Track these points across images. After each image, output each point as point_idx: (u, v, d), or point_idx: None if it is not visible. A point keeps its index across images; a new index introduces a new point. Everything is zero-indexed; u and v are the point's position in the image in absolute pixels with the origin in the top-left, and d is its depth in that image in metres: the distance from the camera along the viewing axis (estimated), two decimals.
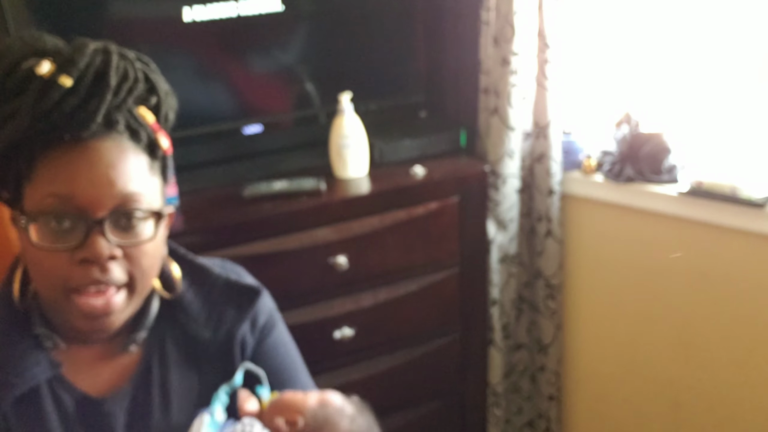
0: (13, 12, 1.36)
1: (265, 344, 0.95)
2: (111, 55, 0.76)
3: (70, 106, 0.73)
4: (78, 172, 0.74)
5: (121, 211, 0.76)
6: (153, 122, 0.82)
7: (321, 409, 0.86)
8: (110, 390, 0.85)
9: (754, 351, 1.58)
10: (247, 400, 0.89)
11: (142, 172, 0.79)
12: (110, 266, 0.76)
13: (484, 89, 1.75)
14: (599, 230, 1.76)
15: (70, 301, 0.76)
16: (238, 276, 0.95)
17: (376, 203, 1.56)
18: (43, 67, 0.73)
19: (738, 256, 1.54)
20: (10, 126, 0.73)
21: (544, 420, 1.98)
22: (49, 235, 0.75)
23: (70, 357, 0.85)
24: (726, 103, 1.58)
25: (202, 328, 0.89)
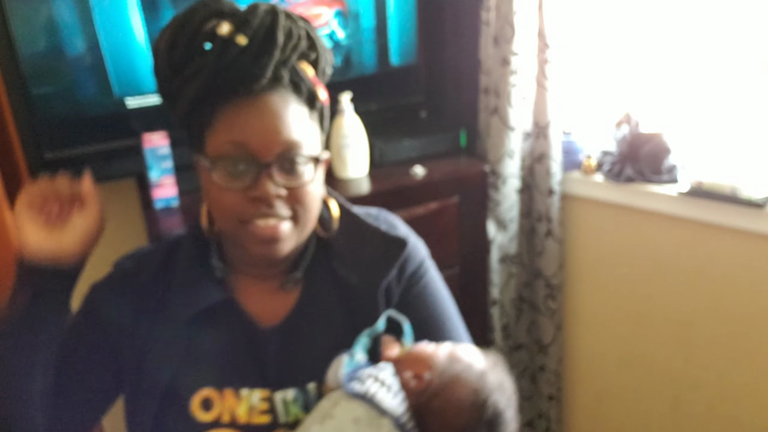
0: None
1: (412, 293, 0.98)
2: (278, 16, 0.84)
3: (244, 63, 0.82)
4: (250, 122, 0.84)
5: (286, 156, 0.85)
6: (312, 76, 0.90)
7: (449, 364, 0.86)
8: (269, 322, 0.94)
9: (753, 350, 1.58)
10: (389, 347, 0.92)
11: (303, 122, 0.87)
12: (276, 203, 0.85)
13: (484, 89, 1.75)
14: (599, 230, 1.76)
15: (245, 230, 0.86)
16: (389, 227, 1.00)
17: (377, 203, 1.56)
18: (223, 27, 0.82)
19: (738, 255, 1.54)
20: (196, 82, 0.83)
21: (544, 419, 1.98)
22: (226, 176, 0.84)
23: (239, 289, 0.96)
24: (726, 103, 1.59)
25: (350, 274, 0.95)
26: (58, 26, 1.43)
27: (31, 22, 1.41)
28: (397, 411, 0.83)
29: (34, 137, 1.47)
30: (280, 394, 0.91)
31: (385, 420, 0.82)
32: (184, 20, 0.84)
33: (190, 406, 0.89)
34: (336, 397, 0.86)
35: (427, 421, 0.84)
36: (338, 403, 0.84)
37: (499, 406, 0.85)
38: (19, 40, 1.40)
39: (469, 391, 0.84)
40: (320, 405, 0.87)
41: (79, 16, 1.45)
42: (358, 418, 0.82)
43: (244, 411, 0.89)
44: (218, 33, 0.82)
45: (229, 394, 0.90)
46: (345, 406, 0.84)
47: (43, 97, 1.46)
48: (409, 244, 0.98)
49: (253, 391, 0.90)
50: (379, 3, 1.69)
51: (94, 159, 1.53)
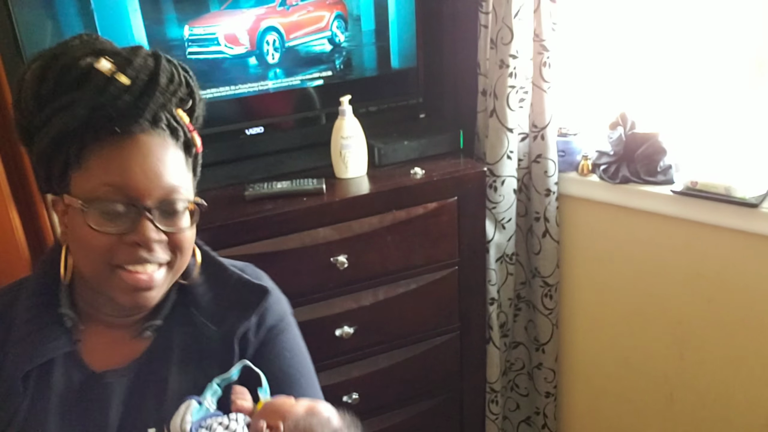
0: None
1: (270, 346, 0.97)
2: (161, 60, 0.84)
3: (125, 102, 0.79)
4: (130, 164, 0.81)
5: (167, 200, 0.83)
6: (188, 123, 0.89)
7: (305, 418, 0.82)
8: (115, 364, 0.91)
9: (747, 348, 1.60)
10: (240, 397, 0.88)
11: (181, 167, 0.86)
12: (156, 247, 0.83)
13: (483, 91, 1.77)
14: (596, 230, 1.78)
15: (115, 275, 0.83)
16: (253, 277, 0.98)
17: (376, 203, 1.58)
18: (104, 64, 0.80)
19: (732, 255, 1.55)
20: (66, 116, 0.79)
21: (542, 416, 2.00)
22: (100, 218, 0.81)
23: (87, 337, 0.91)
24: (720, 104, 1.60)
25: (208, 321, 0.93)
26: (62, 29, 1.45)
27: (36, 26, 1.42)
28: None
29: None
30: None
31: None
32: (58, 52, 0.81)
33: None
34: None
35: None
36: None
37: None
38: (25, 42, 1.41)
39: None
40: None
41: (82, 19, 1.46)
42: None
43: None
44: (98, 69, 0.79)
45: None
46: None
47: None
48: (272, 295, 0.97)
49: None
50: (380, 6, 1.71)
51: None
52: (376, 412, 1.74)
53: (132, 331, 0.93)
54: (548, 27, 1.62)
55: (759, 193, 1.47)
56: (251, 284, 0.96)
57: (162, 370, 0.91)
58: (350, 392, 1.68)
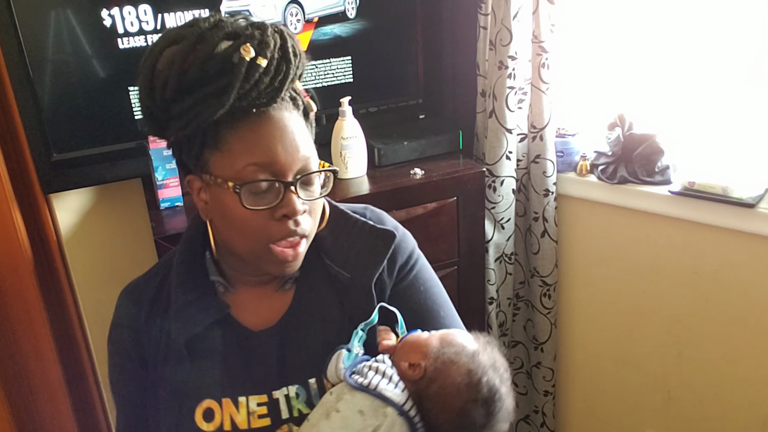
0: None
1: (403, 284, 1.00)
2: (285, 35, 0.85)
3: (265, 84, 0.82)
4: (272, 141, 0.84)
5: (305, 171, 0.87)
6: (302, 89, 0.91)
7: (442, 350, 0.88)
8: (267, 324, 0.97)
9: (745, 347, 1.61)
10: (384, 337, 0.95)
11: (308, 136, 0.89)
12: (301, 220, 0.87)
13: (482, 92, 1.78)
14: (594, 230, 1.78)
15: (269, 251, 0.87)
16: (377, 221, 1.02)
17: (376, 203, 1.58)
18: (250, 51, 0.81)
19: (729, 254, 1.56)
20: (215, 104, 0.81)
21: (540, 415, 2.01)
22: (251, 197, 0.85)
23: (238, 298, 0.98)
24: (718, 105, 1.61)
25: (342, 270, 0.96)
26: (66, 29, 1.46)
27: (38, 26, 1.43)
28: (399, 399, 0.86)
29: (42, 139, 1.49)
30: (282, 392, 0.93)
31: (389, 409, 0.85)
32: (193, 40, 0.82)
33: (194, 418, 0.92)
34: (338, 391, 0.88)
35: (428, 406, 0.87)
36: (341, 396, 0.87)
37: (493, 384, 0.87)
38: (27, 43, 1.42)
39: (464, 372, 0.86)
40: (324, 400, 0.89)
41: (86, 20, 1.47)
42: (363, 409, 0.85)
43: (243, 418, 0.92)
44: (241, 56, 0.81)
45: (228, 404, 0.93)
46: (349, 399, 0.86)
47: (51, 99, 1.48)
48: (398, 236, 1.00)
49: (249, 397, 0.93)
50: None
51: (101, 160, 1.56)
52: None
53: (274, 286, 0.98)
54: (547, 28, 1.63)
55: (756, 194, 1.48)
56: (377, 230, 0.99)
57: (308, 323, 0.96)
58: None
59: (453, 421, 0.86)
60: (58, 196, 1.65)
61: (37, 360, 1.55)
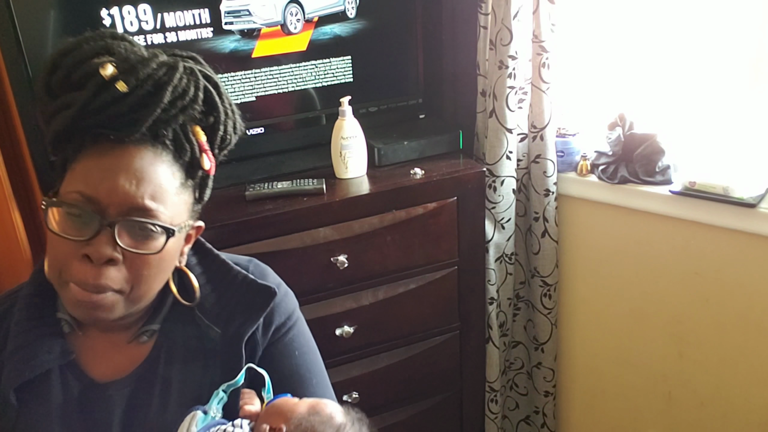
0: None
1: (278, 346, 0.94)
2: (175, 72, 0.78)
3: (118, 110, 0.75)
4: (109, 166, 0.76)
5: (135, 219, 0.77)
6: (203, 141, 0.83)
7: (307, 418, 0.83)
8: (115, 374, 0.87)
9: (745, 347, 1.60)
10: (247, 402, 0.88)
11: (169, 188, 0.80)
12: (105, 271, 0.77)
13: (482, 92, 1.77)
14: (594, 230, 1.78)
15: (66, 288, 0.79)
16: (259, 275, 0.95)
17: (376, 203, 1.59)
18: (107, 69, 0.75)
19: (730, 254, 1.56)
20: (64, 115, 0.76)
21: (541, 415, 2.01)
22: (65, 223, 0.77)
23: (85, 343, 0.88)
24: (718, 104, 1.61)
25: (212, 325, 0.89)
26: (65, 29, 1.46)
27: (38, 26, 1.42)
28: None
29: (41, 139, 1.48)
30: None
31: None
32: (72, 47, 0.78)
33: None
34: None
35: None
36: None
37: None
38: (26, 42, 1.42)
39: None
40: None
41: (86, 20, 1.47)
42: None
43: None
44: (100, 72, 0.75)
45: None
46: None
47: None
48: (279, 294, 0.93)
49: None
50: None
51: None
52: (376, 411, 1.75)
53: (128, 335, 0.89)
54: (547, 28, 1.63)
55: (757, 194, 1.48)
56: (257, 285, 0.92)
57: (164, 379, 0.88)
58: (350, 391, 1.69)
59: None
60: None
61: None
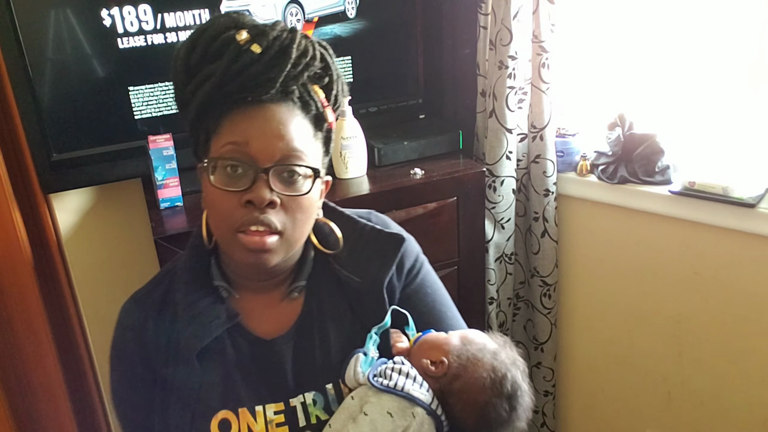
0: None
1: (411, 287, 1.01)
2: (296, 34, 0.85)
3: (255, 71, 0.83)
4: (253, 124, 0.84)
5: (285, 163, 0.85)
6: (323, 98, 0.91)
7: (464, 347, 0.90)
8: (278, 332, 0.96)
9: (745, 347, 1.61)
10: (398, 339, 0.96)
11: (306, 136, 0.88)
12: (268, 211, 0.84)
13: (482, 92, 1.78)
14: (594, 230, 1.78)
15: (235, 238, 0.85)
16: (383, 225, 1.02)
17: (376, 203, 1.59)
18: (242, 34, 0.83)
19: (730, 254, 1.56)
20: (207, 85, 0.84)
21: (540, 415, 2.01)
22: (224, 178, 0.84)
23: (243, 305, 0.96)
24: (718, 105, 1.61)
25: (351, 275, 0.96)
26: (65, 29, 1.46)
27: (38, 26, 1.43)
28: (426, 399, 0.87)
29: (41, 139, 1.49)
30: (299, 399, 0.93)
31: (417, 409, 0.86)
32: (205, 27, 0.86)
33: (209, 429, 0.91)
34: (361, 394, 0.88)
35: (452, 402, 0.88)
36: (367, 399, 0.87)
37: (516, 380, 0.89)
38: (27, 43, 1.42)
39: (488, 368, 0.88)
40: (345, 404, 0.89)
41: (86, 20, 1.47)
42: (391, 410, 0.85)
43: (261, 427, 0.91)
44: (236, 39, 0.83)
45: (245, 413, 0.91)
46: (375, 401, 0.86)
47: (51, 99, 1.48)
48: (406, 239, 1.01)
49: (266, 406, 0.92)
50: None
51: (101, 160, 1.55)
52: None
53: (280, 294, 0.97)
54: (547, 28, 1.63)
55: (756, 194, 1.48)
56: (385, 234, 0.99)
57: (321, 329, 0.95)
58: None
59: (477, 416, 0.88)
60: (58, 196, 1.65)
61: (36, 360, 1.55)
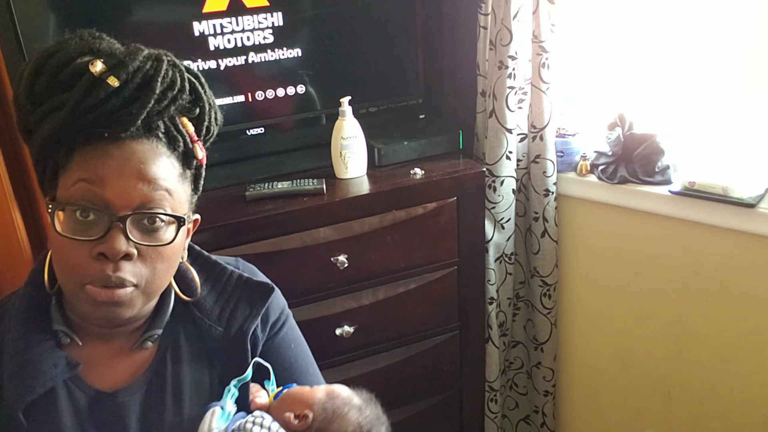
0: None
1: (275, 340, 0.98)
2: (162, 63, 0.78)
3: (112, 106, 0.74)
4: (109, 163, 0.76)
5: (144, 210, 0.77)
6: (192, 132, 0.84)
7: (329, 401, 0.88)
8: (125, 384, 0.87)
9: (745, 347, 1.61)
10: (257, 394, 0.92)
11: (171, 178, 0.80)
12: (122, 265, 0.77)
13: (482, 92, 1.78)
14: (594, 230, 1.78)
15: (83, 291, 0.78)
16: (251, 273, 0.98)
17: (376, 203, 1.59)
18: (96, 65, 0.74)
19: (730, 254, 1.56)
20: (55, 117, 0.75)
21: (540, 415, 2.01)
22: (72, 225, 0.76)
23: (86, 354, 0.86)
24: (718, 105, 1.61)
25: (214, 324, 0.90)
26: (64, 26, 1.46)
27: (38, 26, 1.42)
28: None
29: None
30: None
31: None
32: (54, 50, 0.76)
33: None
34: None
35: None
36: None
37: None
38: (27, 42, 1.41)
39: (354, 423, 0.87)
40: None
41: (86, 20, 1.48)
42: None
43: None
44: (90, 69, 0.74)
45: None
46: None
47: None
48: (275, 290, 0.96)
49: None
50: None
51: None
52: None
53: (131, 342, 0.89)
54: (547, 28, 1.63)
55: (756, 194, 1.48)
56: (253, 282, 0.95)
57: (174, 381, 0.88)
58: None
59: None
60: None
61: None
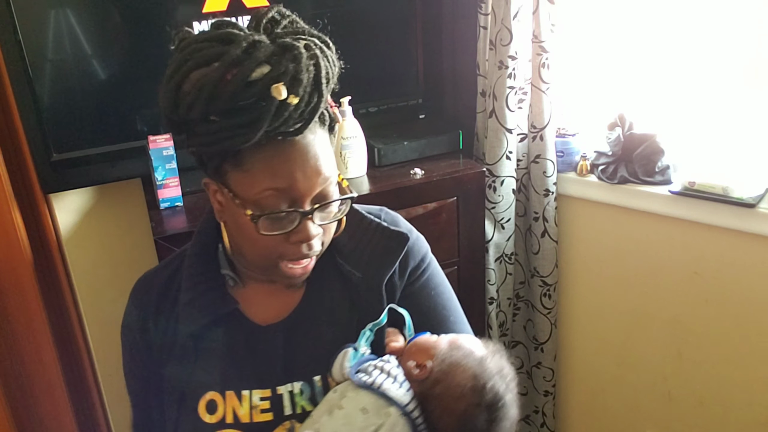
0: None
1: (414, 287, 1.01)
2: (319, 61, 0.81)
3: (293, 119, 0.80)
4: (295, 167, 0.83)
5: (323, 196, 0.87)
6: (331, 101, 0.89)
7: (450, 352, 0.89)
8: (274, 320, 0.97)
9: (745, 347, 1.61)
10: (392, 339, 0.95)
11: (331, 152, 0.88)
12: (315, 243, 0.88)
13: (482, 92, 1.78)
14: (594, 230, 1.79)
15: (278, 266, 0.89)
16: (391, 222, 1.02)
17: (376, 203, 1.58)
18: (281, 92, 0.77)
19: (730, 254, 1.56)
20: (242, 135, 0.79)
21: (540, 415, 2.01)
22: (269, 224, 0.85)
23: (245, 294, 0.98)
24: (718, 105, 1.61)
25: (353, 270, 0.97)
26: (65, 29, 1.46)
27: (38, 26, 1.43)
28: (403, 399, 0.86)
29: (41, 139, 1.49)
30: (287, 388, 0.93)
31: (391, 408, 0.85)
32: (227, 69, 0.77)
33: (198, 409, 0.93)
34: (343, 388, 0.89)
35: (431, 407, 0.87)
36: (345, 394, 0.87)
37: (498, 391, 0.87)
38: (27, 43, 1.42)
39: (469, 375, 0.86)
40: (328, 397, 0.90)
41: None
42: (366, 407, 0.85)
43: (245, 411, 0.93)
44: (273, 95, 0.77)
45: (231, 396, 0.93)
46: (352, 396, 0.86)
47: (51, 99, 1.48)
48: (411, 238, 1.00)
49: (253, 391, 0.93)
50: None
51: (101, 160, 1.56)
52: None
53: (284, 283, 0.98)
54: (547, 28, 1.63)
55: (756, 194, 1.48)
56: (390, 231, 0.99)
57: (316, 320, 0.97)
58: None
59: (455, 424, 0.86)
60: (58, 196, 1.65)
61: (37, 360, 1.55)
